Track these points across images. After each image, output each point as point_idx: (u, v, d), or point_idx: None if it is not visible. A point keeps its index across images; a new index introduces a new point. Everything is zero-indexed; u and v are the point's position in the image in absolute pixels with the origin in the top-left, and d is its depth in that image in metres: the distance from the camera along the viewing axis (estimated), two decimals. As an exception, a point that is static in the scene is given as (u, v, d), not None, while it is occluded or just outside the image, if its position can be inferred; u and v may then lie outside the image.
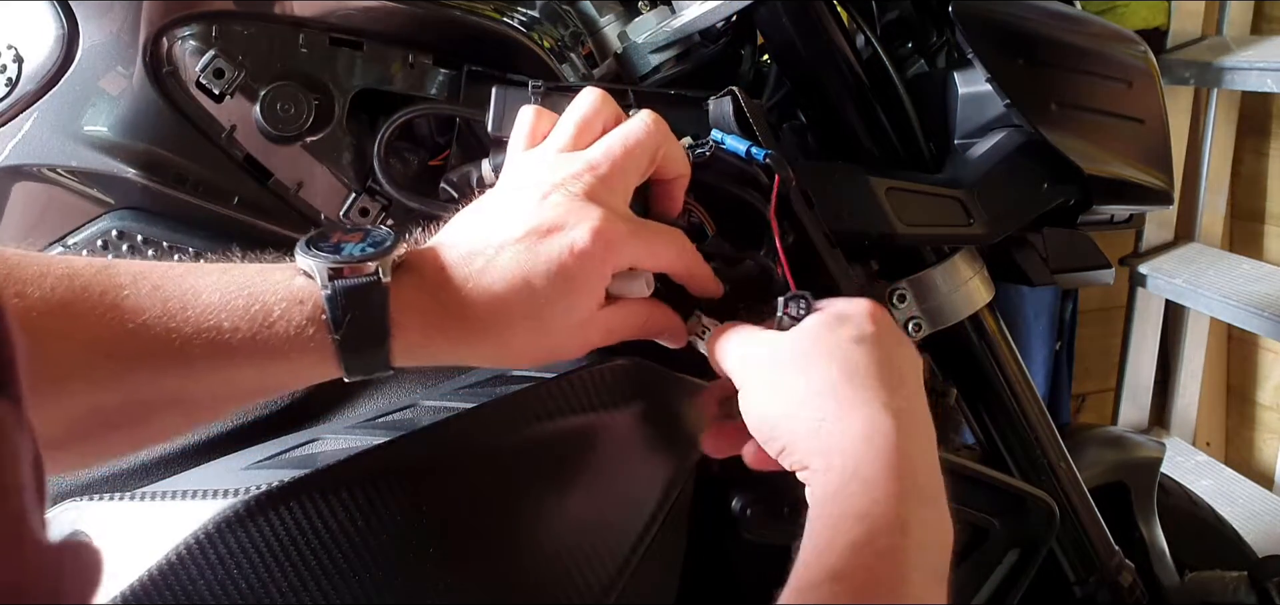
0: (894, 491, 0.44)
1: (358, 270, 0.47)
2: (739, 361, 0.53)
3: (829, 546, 0.43)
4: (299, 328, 0.47)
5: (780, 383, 0.50)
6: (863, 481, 0.45)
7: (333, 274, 0.47)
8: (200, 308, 0.46)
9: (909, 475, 0.45)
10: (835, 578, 0.41)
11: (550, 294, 0.51)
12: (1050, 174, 0.72)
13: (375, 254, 0.48)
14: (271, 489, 0.54)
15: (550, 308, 0.51)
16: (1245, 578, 0.96)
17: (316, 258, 0.48)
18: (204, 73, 0.62)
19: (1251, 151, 1.88)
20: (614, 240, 0.51)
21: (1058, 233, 0.81)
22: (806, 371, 0.50)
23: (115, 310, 0.45)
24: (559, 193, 0.52)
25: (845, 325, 0.51)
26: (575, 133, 0.55)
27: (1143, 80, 0.77)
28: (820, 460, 0.47)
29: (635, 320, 0.56)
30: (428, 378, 0.67)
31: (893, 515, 0.43)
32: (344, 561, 0.54)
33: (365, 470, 0.55)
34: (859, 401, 0.47)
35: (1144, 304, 1.92)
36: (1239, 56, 1.66)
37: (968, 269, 0.77)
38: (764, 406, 0.51)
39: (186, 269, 0.47)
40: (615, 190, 0.53)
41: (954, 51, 0.76)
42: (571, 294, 0.51)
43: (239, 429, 0.65)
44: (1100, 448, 1.00)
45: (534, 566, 0.57)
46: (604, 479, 0.59)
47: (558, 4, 0.80)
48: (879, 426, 0.46)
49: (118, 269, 0.46)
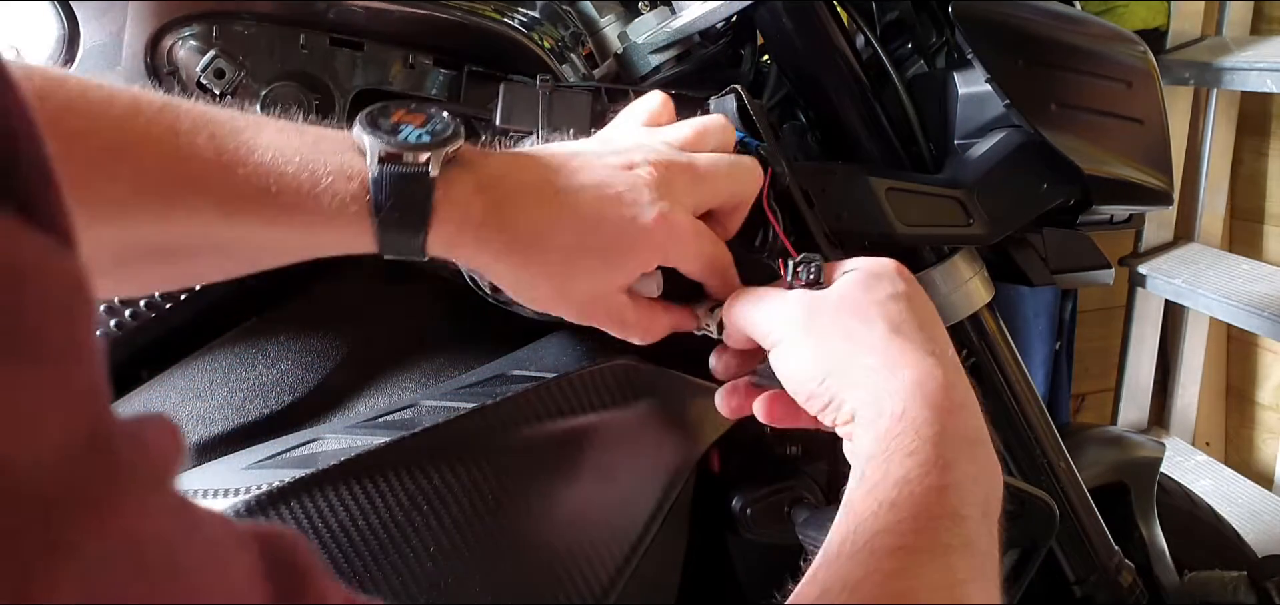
0: (943, 433, 0.45)
1: (410, 157, 0.48)
2: (771, 320, 0.53)
3: (882, 480, 0.44)
4: (343, 203, 0.48)
5: (824, 339, 0.50)
6: (913, 425, 0.45)
7: (384, 157, 0.48)
8: (252, 165, 0.47)
9: (958, 418, 0.46)
10: (890, 507, 0.42)
11: (592, 248, 0.52)
12: (1050, 174, 0.72)
13: (430, 144, 0.49)
14: (271, 489, 0.54)
15: (584, 261, 0.52)
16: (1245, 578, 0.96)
17: (372, 136, 0.48)
18: (204, 73, 0.62)
19: (1251, 151, 1.88)
20: (675, 236, 0.53)
21: (1057, 233, 0.81)
22: (851, 327, 0.50)
23: (172, 154, 0.46)
24: (649, 169, 0.53)
25: (882, 282, 0.52)
26: (692, 135, 0.57)
27: (1142, 80, 0.77)
28: (870, 411, 0.47)
29: (644, 323, 0.56)
30: (428, 378, 0.68)
31: (944, 456, 0.44)
32: (344, 561, 0.54)
33: (366, 470, 0.55)
34: (908, 351, 0.48)
35: (1143, 304, 1.92)
36: (1239, 56, 1.66)
37: (967, 269, 0.77)
38: (807, 363, 0.51)
39: (246, 122, 0.48)
40: (696, 199, 0.54)
41: (954, 51, 0.76)
42: (610, 262, 0.52)
43: (239, 429, 0.65)
44: (1100, 448, 1.00)
45: (534, 566, 0.57)
46: (604, 479, 0.59)
47: (558, 4, 0.80)
48: (930, 373, 0.47)
49: (179, 112, 0.47)
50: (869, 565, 0.41)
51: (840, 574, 0.41)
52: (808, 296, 0.52)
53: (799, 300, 0.52)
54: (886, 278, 0.52)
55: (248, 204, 0.47)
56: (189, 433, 0.65)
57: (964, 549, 0.42)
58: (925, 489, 0.43)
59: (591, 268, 0.52)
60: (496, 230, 0.51)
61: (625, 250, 0.52)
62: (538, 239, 0.51)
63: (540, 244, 0.51)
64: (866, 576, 0.40)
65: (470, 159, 0.51)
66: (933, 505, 0.43)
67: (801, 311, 0.52)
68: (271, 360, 0.66)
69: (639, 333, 0.56)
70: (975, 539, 0.43)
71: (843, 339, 0.50)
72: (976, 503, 0.44)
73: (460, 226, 0.50)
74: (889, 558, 0.41)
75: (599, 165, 0.53)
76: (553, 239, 0.51)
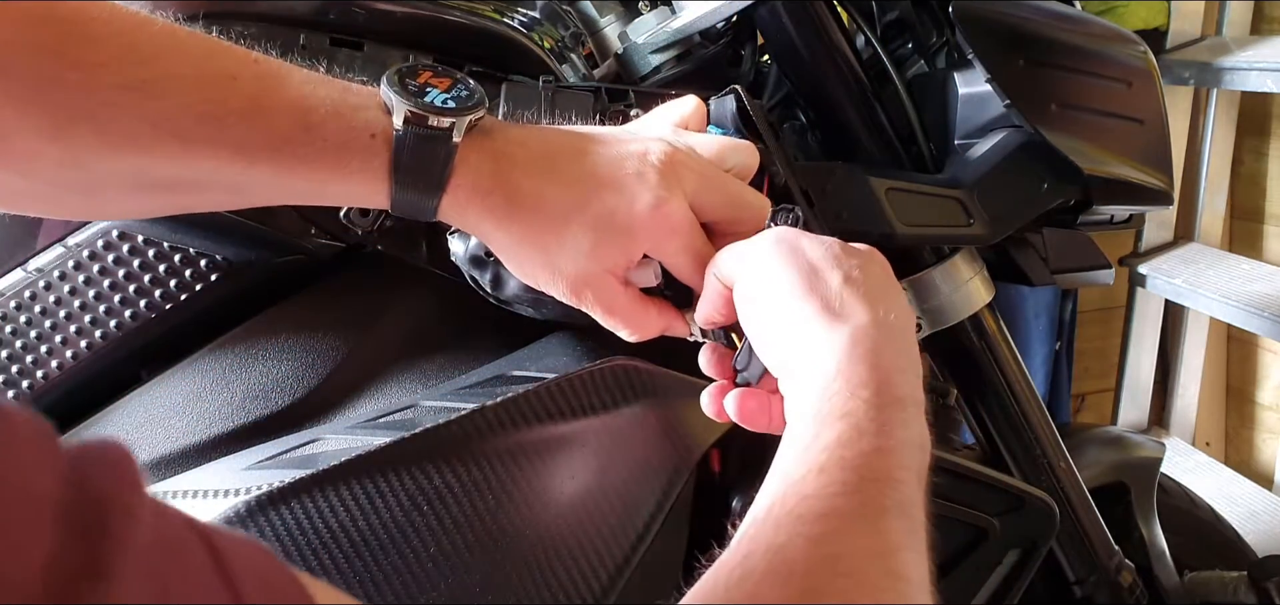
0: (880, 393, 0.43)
1: (434, 121, 0.49)
2: (736, 258, 0.51)
3: (814, 441, 0.42)
4: (363, 158, 0.49)
5: (777, 277, 0.49)
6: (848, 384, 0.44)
7: (409, 118, 0.48)
8: (276, 113, 0.47)
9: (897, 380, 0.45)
10: (819, 470, 0.41)
11: (584, 222, 0.52)
12: (1050, 174, 0.72)
13: (455, 110, 0.49)
14: (272, 489, 0.54)
15: (575, 234, 0.52)
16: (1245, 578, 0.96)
17: (399, 96, 0.49)
18: (204, 73, 0.62)
19: (1251, 151, 1.88)
20: (668, 226, 0.53)
21: (1058, 233, 0.81)
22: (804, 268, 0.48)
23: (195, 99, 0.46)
24: (660, 159, 0.53)
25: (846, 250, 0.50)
26: (717, 149, 0.57)
27: (1142, 80, 0.77)
28: (805, 365, 0.46)
29: (634, 316, 0.56)
30: (428, 378, 0.67)
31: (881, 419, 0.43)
32: (344, 561, 0.54)
33: (366, 470, 0.55)
34: (852, 304, 0.46)
35: (1144, 304, 1.92)
36: (1239, 56, 1.66)
37: (968, 269, 0.77)
38: (759, 302, 0.49)
39: (272, 70, 0.48)
40: (697, 201, 0.54)
41: (954, 51, 0.76)
42: (600, 240, 0.52)
43: (239, 429, 0.65)
44: (1100, 448, 1.00)
45: (534, 566, 0.57)
46: (603, 479, 0.59)
47: (558, 4, 0.80)
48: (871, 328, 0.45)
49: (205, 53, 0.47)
50: (795, 530, 0.38)
51: (765, 539, 0.38)
52: (772, 233, 0.51)
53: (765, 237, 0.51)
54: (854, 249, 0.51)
55: (267, 152, 0.48)
56: (189, 433, 0.65)
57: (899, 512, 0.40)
58: (858, 452, 0.41)
59: (581, 243, 0.52)
60: (501, 196, 0.51)
61: (617, 230, 0.52)
62: (535, 206, 0.51)
63: (537, 211, 0.51)
64: (790, 540, 0.38)
65: (491, 128, 0.51)
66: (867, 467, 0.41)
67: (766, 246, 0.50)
68: (271, 360, 0.66)
69: (627, 324, 0.56)
70: (910, 504, 0.41)
71: (787, 284, 0.48)
72: (912, 467, 0.43)
73: (471, 192, 0.50)
74: (817, 522, 0.39)
75: (613, 146, 0.53)
76: (548, 207, 0.51)
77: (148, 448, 0.65)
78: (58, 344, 0.65)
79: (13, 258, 0.66)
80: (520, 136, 0.52)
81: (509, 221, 0.52)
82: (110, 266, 0.65)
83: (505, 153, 0.51)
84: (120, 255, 0.65)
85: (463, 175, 0.50)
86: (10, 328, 0.65)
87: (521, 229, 0.52)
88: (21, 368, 0.66)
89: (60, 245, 0.65)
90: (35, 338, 0.65)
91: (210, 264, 0.65)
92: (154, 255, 0.65)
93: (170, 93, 0.46)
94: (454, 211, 0.51)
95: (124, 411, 0.66)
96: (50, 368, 0.66)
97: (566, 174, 0.52)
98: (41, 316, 0.65)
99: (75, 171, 0.47)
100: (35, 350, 0.65)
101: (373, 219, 0.66)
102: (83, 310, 0.65)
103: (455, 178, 0.50)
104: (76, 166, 0.47)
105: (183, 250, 0.65)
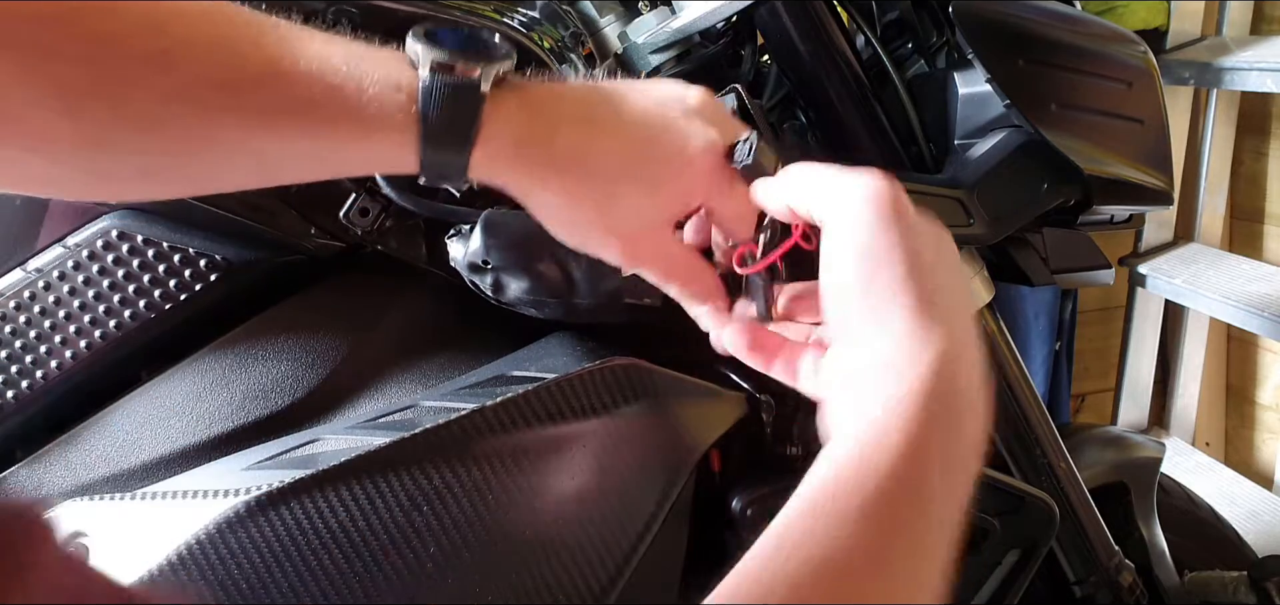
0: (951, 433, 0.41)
1: (463, 70, 0.47)
2: (827, 195, 0.47)
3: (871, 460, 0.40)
4: (389, 114, 0.47)
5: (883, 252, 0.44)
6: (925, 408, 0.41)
7: (437, 67, 0.47)
8: (297, 74, 0.46)
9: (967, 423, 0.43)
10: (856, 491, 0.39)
11: (636, 173, 0.50)
12: (1050, 174, 0.72)
13: (482, 59, 0.48)
14: (272, 489, 0.54)
15: (627, 186, 0.50)
16: (1245, 578, 0.96)
17: (425, 46, 0.47)
18: (204, 73, 0.62)
19: (1251, 151, 1.88)
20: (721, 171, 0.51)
21: (1058, 233, 0.81)
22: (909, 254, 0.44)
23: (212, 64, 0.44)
24: (702, 102, 0.52)
25: (936, 229, 0.47)
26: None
27: (1143, 80, 0.77)
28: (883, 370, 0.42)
29: (692, 272, 0.54)
30: (428, 378, 0.68)
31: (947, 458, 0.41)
32: (344, 562, 0.54)
33: (366, 471, 0.55)
34: (939, 321, 0.43)
35: (1144, 304, 1.92)
36: (1239, 56, 1.66)
37: (968, 269, 0.77)
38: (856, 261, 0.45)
39: (291, 32, 0.47)
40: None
41: (954, 51, 0.76)
42: (655, 189, 0.50)
43: (239, 429, 0.65)
44: (1100, 448, 1.00)
45: (534, 566, 0.57)
46: (604, 479, 0.59)
47: (558, 4, 0.80)
48: (957, 356, 0.42)
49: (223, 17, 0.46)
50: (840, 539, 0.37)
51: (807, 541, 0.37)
52: (873, 183, 0.46)
53: (865, 184, 0.46)
54: (937, 227, 0.47)
55: (290, 116, 0.46)
56: (189, 433, 0.65)
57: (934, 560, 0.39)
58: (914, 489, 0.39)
59: (635, 194, 0.50)
60: (539, 150, 0.49)
61: (671, 176, 0.50)
62: (580, 160, 0.49)
63: (582, 165, 0.49)
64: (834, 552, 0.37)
65: (521, 83, 0.49)
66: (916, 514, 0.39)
67: (869, 197, 0.45)
68: (271, 360, 0.66)
69: (688, 283, 0.54)
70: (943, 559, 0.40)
71: (901, 257, 0.44)
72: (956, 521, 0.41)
73: (506, 146, 0.48)
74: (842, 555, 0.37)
75: (648, 92, 0.51)
76: (595, 161, 0.49)
77: (148, 448, 0.65)
78: (57, 344, 0.65)
79: (13, 258, 0.66)
80: (553, 88, 0.50)
81: (551, 178, 0.49)
82: (110, 266, 0.65)
83: (540, 104, 0.49)
84: (120, 255, 0.65)
85: (496, 126, 0.48)
86: (10, 328, 0.65)
87: (568, 185, 0.50)
88: (21, 368, 0.66)
89: (60, 245, 0.65)
90: (35, 338, 0.65)
91: (210, 264, 0.65)
92: (154, 255, 0.65)
93: (188, 61, 0.44)
94: (488, 169, 0.49)
95: (124, 411, 0.66)
96: (50, 368, 0.66)
97: (609, 123, 0.50)
98: (41, 316, 0.65)
99: (94, 150, 0.45)
100: (35, 350, 0.65)
101: (373, 219, 0.66)
102: (83, 310, 0.65)
103: (488, 129, 0.47)
104: (95, 145, 0.45)
105: (183, 250, 0.65)
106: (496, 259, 0.61)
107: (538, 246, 0.60)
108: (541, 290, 0.61)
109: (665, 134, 0.50)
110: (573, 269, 0.60)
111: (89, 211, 0.65)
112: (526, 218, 0.61)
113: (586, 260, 0.60)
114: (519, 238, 0.61)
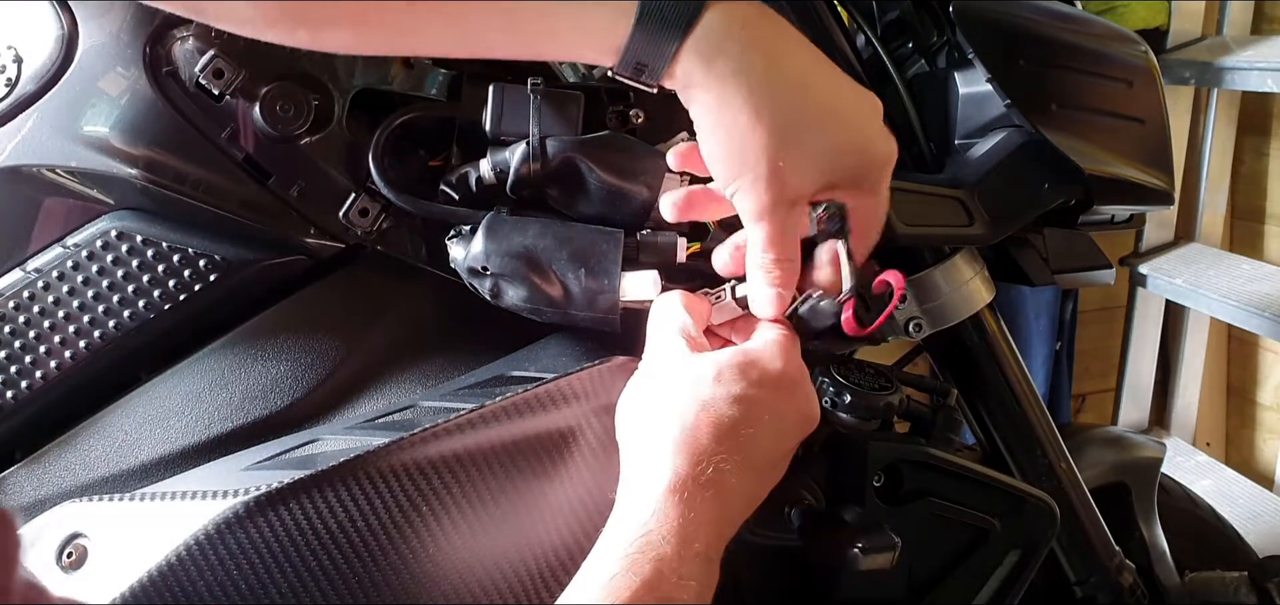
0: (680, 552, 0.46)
1: None
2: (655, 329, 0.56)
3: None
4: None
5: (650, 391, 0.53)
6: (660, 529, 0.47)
7: None
8: None
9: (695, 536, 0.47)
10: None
11: (836, 137, 0.51)
12: (1051, 174, 0.72)
13: None
14: (271, 489, 0.54)
15: (821, 144, 0.51)
16: (1245, 578, 0.96)
17: None
18: (204, 73, 0.62)
19: (1251, 151, 1.88)
20: (886, 178, 0.54)
21: (1058, 233, 0.81)
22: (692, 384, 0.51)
23: None
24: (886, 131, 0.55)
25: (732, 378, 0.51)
26: None
27: (1143, 80, 0.77)
28: (646, 472, 0.49)
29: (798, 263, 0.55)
30: (428, 378, 0.68)
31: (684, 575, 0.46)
32: (344, 562, 0.54)
33: (365, 470, 0.55)
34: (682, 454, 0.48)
35: (1144, 304, 1.92)
36: (1239, 56, 1.65)
37: (968, 269, 0.77)
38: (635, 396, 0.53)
39: None
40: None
41: (954, 51, 0.76)
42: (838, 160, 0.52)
43: (239, 429, 0.65)
44: (1100, 448, 1.00)
45: (533, 565, 0.57)
46: (603, 479, 0.59)
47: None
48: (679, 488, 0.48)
49: None
50: None
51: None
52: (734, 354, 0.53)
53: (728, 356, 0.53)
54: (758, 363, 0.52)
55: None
56: (189, 433, 0.65)
57: None
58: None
59: (818, 154, 0.50)
60: (760, 55, 0.47)
61: (853, 156, 0.51)
62: (800, 85, 0.49)
63: (800, 91, 0.49)
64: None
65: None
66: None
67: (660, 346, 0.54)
68: (271, 360, 0.66)
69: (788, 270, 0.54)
70: None
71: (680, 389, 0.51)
72: None
73: (722, 39, 0.46)
74: None
75: (846, 77, 0.53)
76: (814, 96, 0.49)
77: (147, 448, 0.65)
78: (57, 344, 0.65)
79: (12, 257, 0.66)
80: (769, 13, 0.49)
81: (760, 91, 0.48)
82: (110, 267, 0.65)
83: (762, 13, 0.48)
84: (120, 255, 0.65)
85: (719, 14, 0.46)
86: (10, 328, 0.65)
87: (774, 103, 0.48)
88: (21, 368, 0.66)
89: (59, 245, 0.65)
90: (35, 338, 0.65)
91: (210, 264, 0.65)
92: (153, 255, 0.65)
93: None
94: (698, 61, 0.47)
95: (124, 411, 0.66)
96: (50, 368, 0.66)
97: (828, 77, 0.50)
98: (41, 316, 0.65)
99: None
100: (35, 350, 0.65)
101: (373, 219, 0.66)
102: (82, 310, 0.65)
103: (710, 15, 0.46)
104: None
105: (182, 250, 0.65)
106: (497, 265, 0.61)
107: (538, 258, 0.61)
108: (539, 301, 0.61)
109: (869, 121, 0.52)
110: (571, 283, 0.60)
111: (89, 211, 0.65)
112: (530, 225, 0.61)
113: (585, 274, 0.60)
114: (520, 247, 0.61)
